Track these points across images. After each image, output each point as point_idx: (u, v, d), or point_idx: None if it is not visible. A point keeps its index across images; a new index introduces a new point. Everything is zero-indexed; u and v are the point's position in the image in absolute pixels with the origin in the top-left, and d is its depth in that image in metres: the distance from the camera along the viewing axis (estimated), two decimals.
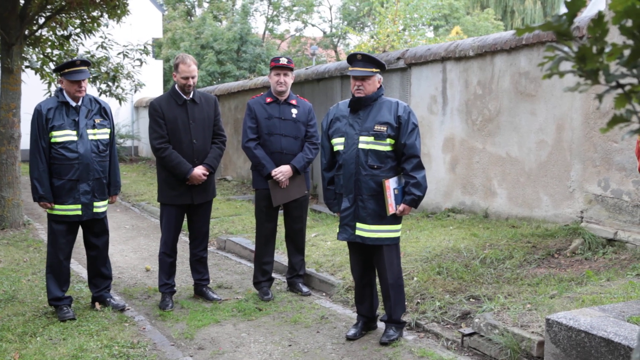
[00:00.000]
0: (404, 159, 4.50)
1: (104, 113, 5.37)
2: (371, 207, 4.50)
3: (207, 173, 5.52)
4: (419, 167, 4.49)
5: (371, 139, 4.49)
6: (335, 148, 4.68)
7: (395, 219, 4.56)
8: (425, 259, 5.89)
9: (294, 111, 5.80)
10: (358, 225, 4.55)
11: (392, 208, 4.47)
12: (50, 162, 5.10)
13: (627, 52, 1.35)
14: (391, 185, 4.47)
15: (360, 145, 4.51)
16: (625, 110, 1.36)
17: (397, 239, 4.63)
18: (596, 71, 1.37)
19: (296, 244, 5.99)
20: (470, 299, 4.99)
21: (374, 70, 4.54)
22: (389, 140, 4.49)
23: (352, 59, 4.59)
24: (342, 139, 4.61)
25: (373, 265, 4.77)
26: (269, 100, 5.79)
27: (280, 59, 5.75)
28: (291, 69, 5.79)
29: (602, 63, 1.36)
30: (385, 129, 4.48)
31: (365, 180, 4.50)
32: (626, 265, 5.34)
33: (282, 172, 5.63)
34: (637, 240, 5.65)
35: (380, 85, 4.64)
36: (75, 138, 5.13)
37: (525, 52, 6.96)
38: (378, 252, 4.61)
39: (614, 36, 2.87)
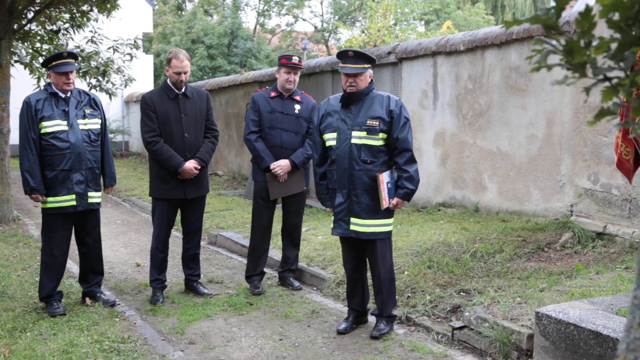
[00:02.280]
0: (397, 153, 4.51)
1: (94, 104, 5.35)
2: (365, 202, 4.51)
3: (199, 167, 5.50)
4: (411, 161, 4.50)
5: (364, 133, 4.49)
6: (328, 143, 4.67)
7: (388, 213, 4.57)
8: (416, 253, 5.90)
9: (297, 107, 5.81)
10: (352, 220, 4.55)
11: (385, 202, 4.48)
12: (41, 154, 5.07)
13: (614, 46, 1.36)
14: (384, 179, 4.48)
15: (353, 140, 4.51)
16: (612, 103, 1.37)
17: (390, 232, 4.64)
18: (584, 64, 1.38)
19: (292, 239, 5.99)
20: (461, 293, 5.01)
21: (365, 66, 4.55)
22: (381, 135, 4.49)
23: (343, 55, 4.58)
24: (334, 134, 4.61)
25: (365, 259, 4.78)
26: (273, 94, 5.81)
27: (293, 57, 5.76)
28: (300, 68, 5.81)
29: (590, 56, 1.37)
30: (377, 123, 4.48)
31: (358, 175, 4.50)
32: (615, 258, 5.38)
33: (280, 166, 5.63)
34: (626, 233, 5.68)
35: (371, 80, 4.64)
36: (65, 128, 5.10)
37: (515, 46, 6.98)
38: (371, 247, 4.61)
39: (602, 30, 2.89)
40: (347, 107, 4.59)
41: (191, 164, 5.43)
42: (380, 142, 4.51)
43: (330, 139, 4.63)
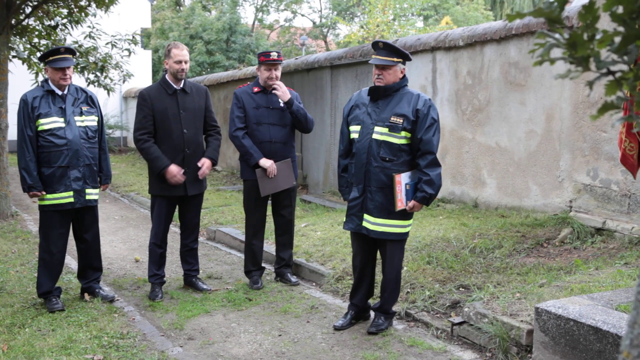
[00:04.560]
0: (419, 154, 4.37)
1: (90, 101, 5.33)
2: (378, 200, 4.42)
3: (210, 164, 5.57)
4: (433, 164, 4.36)
5: (385, 130, 4.39)
6: (352, 136, 4.59)
7: (404, 215, 4.45)
8: (415, 248, 5.90)
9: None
10: (365, 216, 4.47)
11: (401, 203, 4.37)
12: (39, 151, 5.05)
13: (617, 39, 1.35)
14: (403, 180, 4.36)
15: (374, 136, 4.41)
16: (615, 97, 1.36)
17: (404, 234, 4.53)
18: (587, 58, 1.37)
19: (286, 239, 5.96)
20: (460, 288, 5.01)
21: (395, 59, 4.42)
22: (403, 133, 4.37)
23: (375, 46, 4.49)
24: (358, 127, 4.52)
25: (374, 256, 4.75)
26: (256, 89, 5.76)
27: (271, 53, 5.70)
28: (281, 62, 5.77)
29: (593, 50, 1.36)
30: (401, 121, 4.36)
31: (375, 171, 4.41)
32: (614, 254, 5.38)
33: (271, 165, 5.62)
34: (625, 229, 5.68)
35: (404, 76, 4.52)
36: (62, 125, 5.08)
37: (514, 41, 6.96)
38: (382, 246, 4.57)
39: (605, 23, 2.86)
40: (375, 101, 4.49)
41: (176, 169, 5.38)
42: (402, 141, 4.38)
43: (354, 131, 4.55)
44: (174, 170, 5.38)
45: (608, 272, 4.79)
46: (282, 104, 5.75)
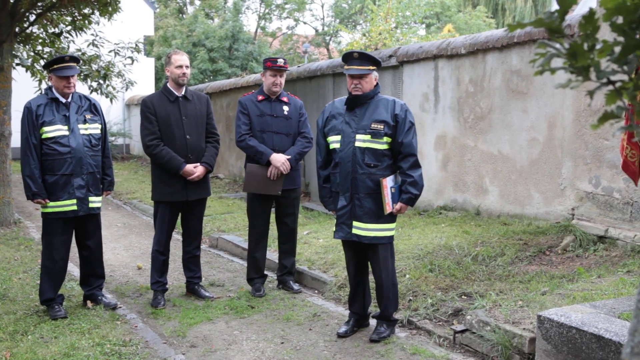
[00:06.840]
0: (401, 157, 4.49)
1: (94, 109, 5.35)
2: (368, 206, 4.48)
3: (203, 171, 5.51)
4: (415, 166, 4.48)
5: (368, 137, 4.47)
6: (332, 146, 4.65)
7: (391, 218, 4.55)
8: (418, 256, 5.90)
9: (286, 108, 5.80)
10: (355, 223, 4.52)
11: (389, 207, 4.45)
12: (42, 159, 5.07)
13: (617, 49, 1.36)
14: (388, 184, 4.45)
15: (357, 144, 4.49)
16: (616, 106, 1.37)
17: (392, 237, 4.62)
18: (587, 68, 1.38)
19: (288, 242, 5.97)
20: (462, 296, 5.00)
21: (371, 68, 4.53)
22: (385, 139, 4.47)
23: (349, 57, 4.57)
24: (338, 137, 4.59)
25: (367, 263, 4.77)
26: (260, 97, 5.78)
27: (278, 60, 5.73)
28: (286, 70, 5.79)
29: (593, 60, 1.37)
30: (382, 127, 4.46)
31: (362, 178, 4.48)
32: (617, 262, 5.37)
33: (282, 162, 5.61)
34: (628, 237, 5.68)
35: (377, 83, 4.62)
36: (66, 133, 5.10)
37: (516, 50, 6.98)
38: (373, 251, 4.59)
39: (605, 33, 2.88)
40: (352, 110, 4.57)
41: (192, 166, 5.43)
42: (385, 146, 4.48)
43: (334, 141, 4.61)
44: (190, 168, 5.43)
45: (610, 280, 4.79)
46: (285, 113, 5.77)
